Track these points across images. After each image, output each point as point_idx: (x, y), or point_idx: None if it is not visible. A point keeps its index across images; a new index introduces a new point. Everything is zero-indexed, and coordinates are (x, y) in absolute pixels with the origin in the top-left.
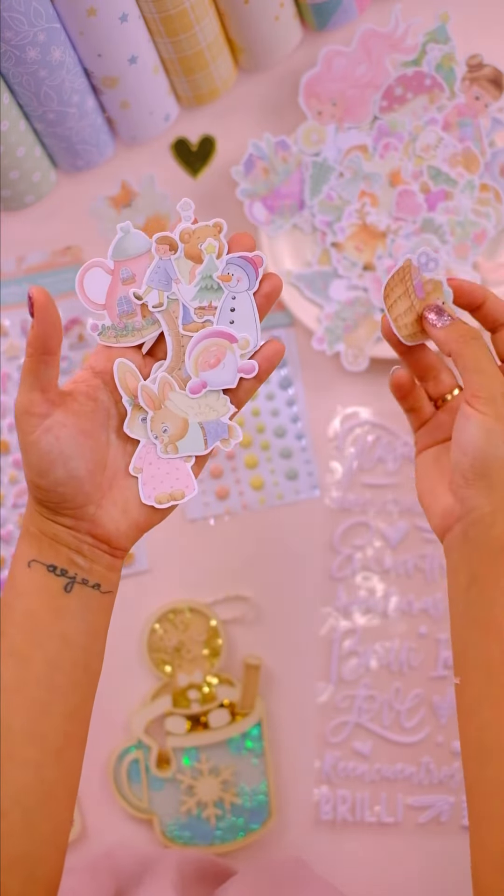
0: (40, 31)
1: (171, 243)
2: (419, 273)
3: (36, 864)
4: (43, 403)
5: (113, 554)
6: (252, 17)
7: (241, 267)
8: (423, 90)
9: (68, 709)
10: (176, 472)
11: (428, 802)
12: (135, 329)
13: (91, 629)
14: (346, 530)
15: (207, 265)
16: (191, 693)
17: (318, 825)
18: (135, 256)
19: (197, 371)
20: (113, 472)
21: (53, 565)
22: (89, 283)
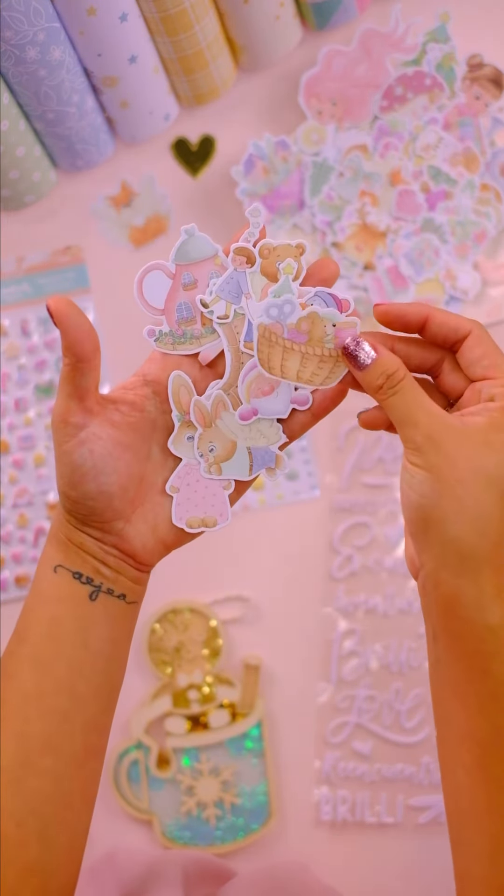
0: (40, 31)
1: (250, 256)
2: (280, 326)
3: (50, 875)
4: (79, 412)
5: (138, 568)
6: (252, 17)
7: (326, 304)
8: (424, 90)
9: (88, 718)
10: (213, 498)
11: (428, 803)
12: (193, 337)
13: (114, 638)
14: (346, 530)
15: (282, 286)
16: (191, 693)
17: (318, 825)
18: (198, 261)
19: (249, 397)
20: (148, 487)
21: (79, 573)
22: (149, 287)
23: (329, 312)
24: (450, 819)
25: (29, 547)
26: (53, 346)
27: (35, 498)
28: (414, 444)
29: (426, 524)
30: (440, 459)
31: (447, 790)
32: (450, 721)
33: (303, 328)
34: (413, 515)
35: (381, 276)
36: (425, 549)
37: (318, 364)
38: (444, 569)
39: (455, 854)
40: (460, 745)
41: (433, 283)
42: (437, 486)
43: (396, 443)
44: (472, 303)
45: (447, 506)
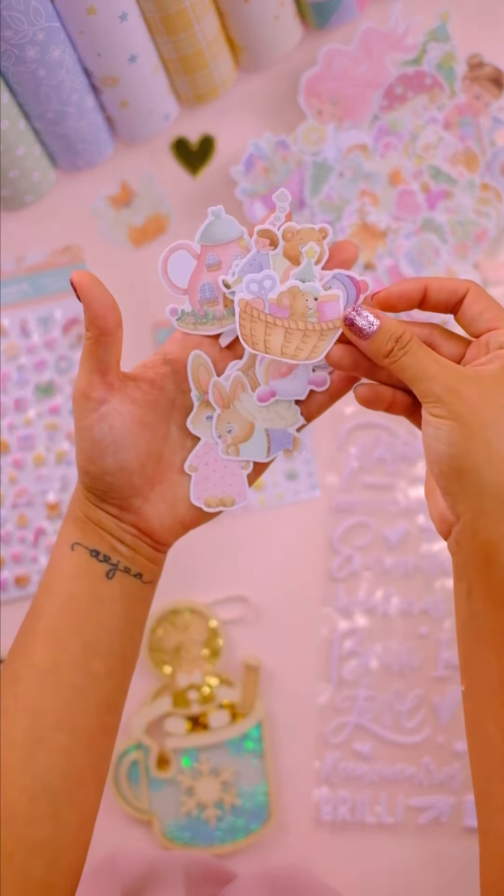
0: (40, 30)
1: (273, 238)
2: (262, 301)
3: (60, 852)
4: (101, 387)
5: (155, 547)
6: (252, 16)
7: (344, 286)
8: (424, 89)
9: (102, 696)
10: (231, 478)
11: (428, 803)
12: (215, 318)
13: (130, 617)
14: (346, 530)
15: (305, 269)
16: (191, 694)
17: (318, 826)
18: (223, 243)
19: (267, 379)
20: (166, 466)
21: (97, 550)
22: (173, 266)
23: (309, 286)
24: (476, 775)
25: (29, 547)
26: (53, 346)
27: (35, 498)
28: (434, 395)
29: (459, 474)
30: (463, 407)
31: (474, 747)
32: (482, 675)
33: (284, 303)
34: (444, 467)
35: (381, 275)
36: (461, 500)
37: (301, 339)
38: (483, 516)
39: (480, 812)
40: (492, 699)
41: None
42: (465, 433)
43: (396, 442)
44: None
45: (478, 451)
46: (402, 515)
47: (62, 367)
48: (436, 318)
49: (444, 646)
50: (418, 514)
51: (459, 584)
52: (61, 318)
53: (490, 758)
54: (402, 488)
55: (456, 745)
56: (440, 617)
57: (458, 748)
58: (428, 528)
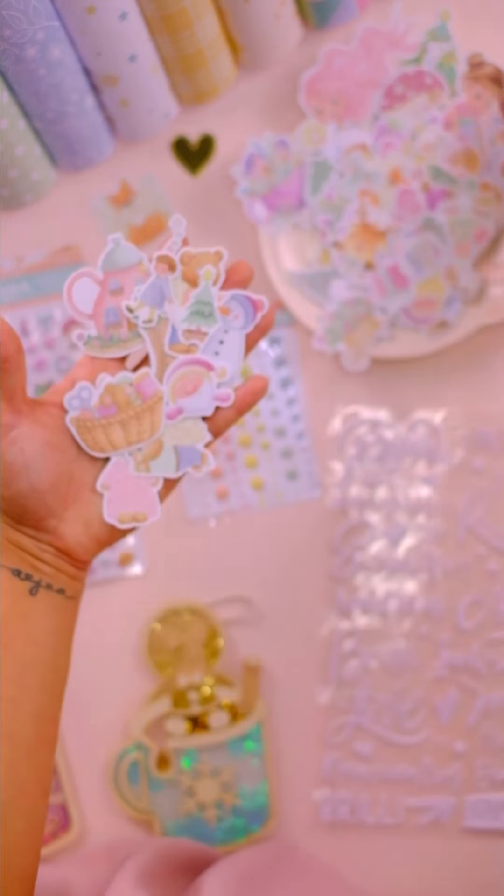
0: (39, 30)
1: (171, 263)
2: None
3: (11, 859)
4: (8, 413)
5: (74, 565)
6: (252, 16)
7: (241, 305)
8: (424, 89)
9: (38, 708)
10: (142, 494)
11: (428, 804)
12: (120, 340)
13: (57, 630)
14: (346, 530)
15: (203, 290)
16: (191, 694)
17: (318, 827)
18: (124, 268)
19: (174, 397)
20: (79, 486)
21: (18, 569)
22: (77, 293)
23: (121, 376)
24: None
25: None
26: (54, 345)
27: None
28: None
29: None
30: None
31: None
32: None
33: (106, 402)
34: None
35: (381, 275)
36: None
37: (137, 422)
38: None
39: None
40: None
41: (433, 282)
42: None
43: (397, 443)
44: (473, 302)
45: None
46: (402, 515)
47: (62, 368)
48: None
49: (445, 646)
50: (419, 514)
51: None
52: (61, 318)
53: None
54: (403, 488)
55: (456, 746)
56: (440, 617)
57: (458, 748)
58: (428, 527)
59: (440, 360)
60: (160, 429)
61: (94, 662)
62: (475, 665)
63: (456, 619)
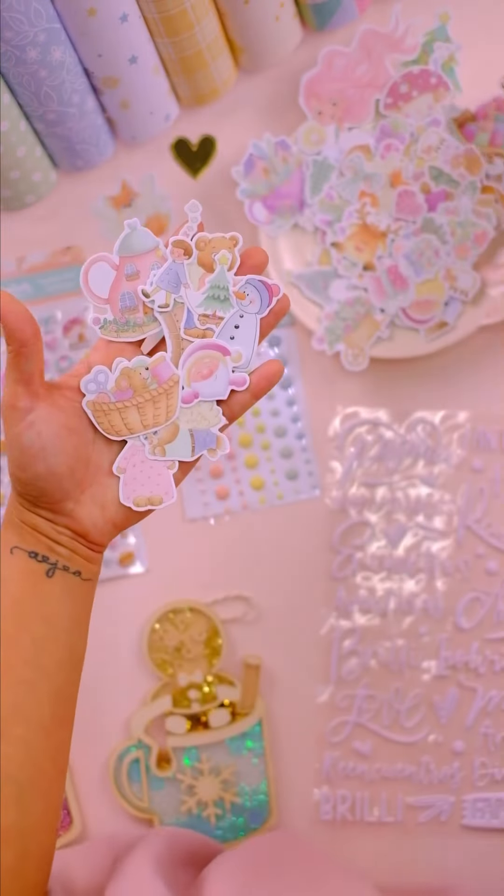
0: (40, 32)
1: (187, 248)
2: (105, 394)
3: (29, 839)
4: (26, 396)
5: (90, 548)
6: (252, 17)
7: (257, 290)
8: (429, 88)
9: (54, 688)
10: (158, 478)
11: (428, 802)
12: (136, 325)
13: (74, 613)
14: (346, 530)
15: (218, 275)
16: (191, 693)
17: (318, 825)
18: (140, 253)
19: (189, 381)
20: (96, 469)
21: (35, 552)
22: (94, 277)
23: (138, 360)
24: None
25: None
26: (54, 346)
27: None
28: None
29: None
30: None
31: None
32: None
33: (122, 386)
34: None
35: (380, 276)
36: None
37: (153, 406)
38: None
39: None
40: None
41: (433, 283)
42: None
43: (396, 442)
44: (472, 303)
45: None
46: (402, 515)
47: (63, 368)
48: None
49: (444, 645)
50: (418, 514)
51: None
52: (62, 319)
53: None
54: (402, 488)
55: (455, 744)
56: (440, 616)
57: (457, 747)
58: (428, 527)
59: (439, 360)
60: (176, 412)
61: (95, 661)
62: (474, 664)
63: (455, 618)
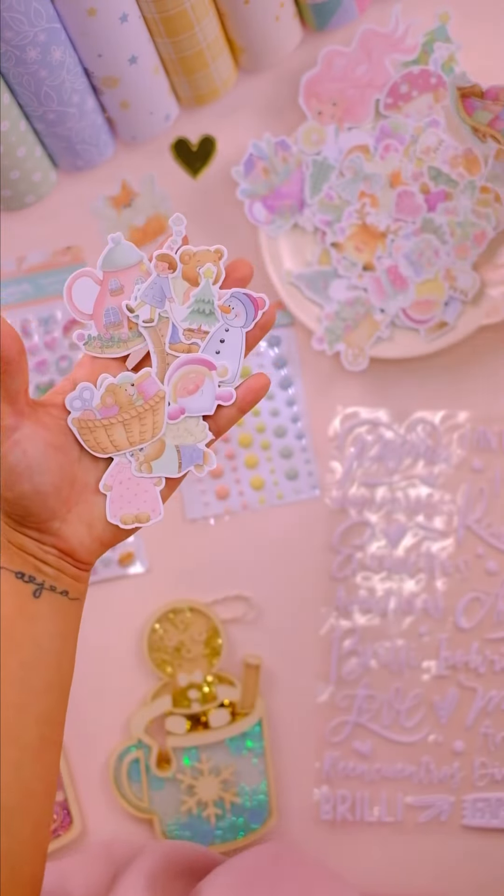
0: (40, 32)
1: (171, 262)
2: (91, 412)
3: (18, 862)
4: (10, 415)
5: (78, 566)
6: (252, 18)
7: (242, 303)
8: (429, 88)
9: (43, 710)
10: (144, 495)
11: (428, 802)
12: (120, 340)
13: (61, 633)
14: (346, 530)
15: (203, 289)
16: (191, 693)
17: (318, 825)
18: (124, 268)
19: (175, 397)
20: (82, 487)
21: (21, 572)
22: (78, 293)
23: (123, 376)
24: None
25: None
26: (54, 346)
27: None
28: None
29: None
30: None
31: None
32: None
33: (108, 402)
34: None
35: (380, 276)
36: None
37: (139, 423)
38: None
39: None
40: None
41: (433, 283)
42: None
43: (396, 442)
44: (472, 303)
45: None
46: (402, 515)
47: (63, 368)
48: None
49: (444, 645)
50: (418, 514)
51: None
52: (62, 319)
53: None
54: (402, 488)
55: (455, 744)
56: (440, 616)
57: (457, 747)
58: (428, 527)
59: (439, 360)
60: (162, 429)
61: (95, 661)
62: (474, 664)
63: (455, 618)
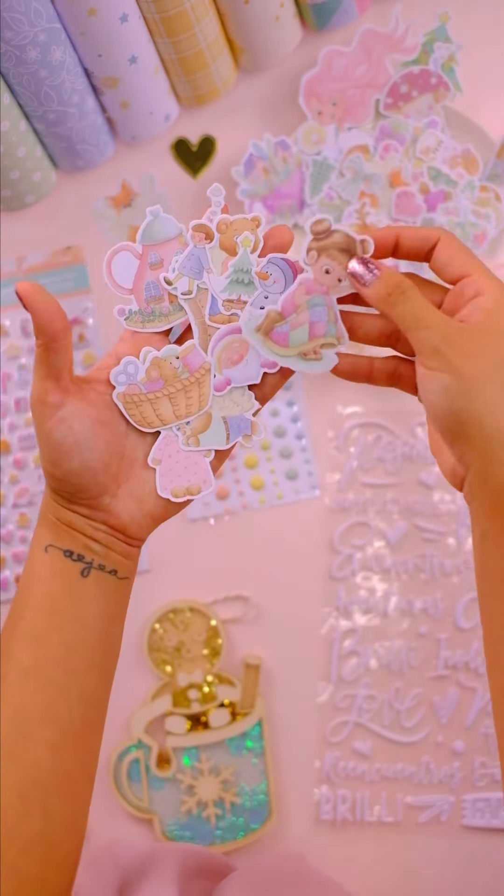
0: (41, 32)
1: (208, 232)
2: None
3: (53, 846)
4: (56, 392)
5: (128, 543)
6: (252, 18)
7: (280, 269)
8: (429, 88)
9: (85, 691)
10: (194, 467)
11: (428, 802)
12: (161, 314)
13: (108, 613)
14: (346, 530)
15: (241, 258)
16: (191, 693)
17: (318, 825)
18: (163, 241)
19: (220, 368)
20: (130, 462)
21: (70, 550)
22: (117, 267)
23: (168, 349)
24: (499, 723)
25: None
26: None
27: (35, 498)
28: (431, 345)
29: (464, 425)
30: (460, 358)
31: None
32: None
33: (153, 376)
34: (448, 421)
35: None
36: (469, 450)
37: (185, 396)
38: (492, 463)
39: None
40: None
41: None
42: (465, 385)
43: (396, 442)
44: None
45: (481, 402)
46: (402, 515)
47: None
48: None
49: (444, 645)
50: (418, 514)
51: (476, 530)
52: None
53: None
54: (402, 488)
55: (455, 744)
56: (440, 616)
57: (457, 747)
58: (428, 527)
59: None
60: (209, 401)
61: None
62: (474, 664)
63: (455, 618)
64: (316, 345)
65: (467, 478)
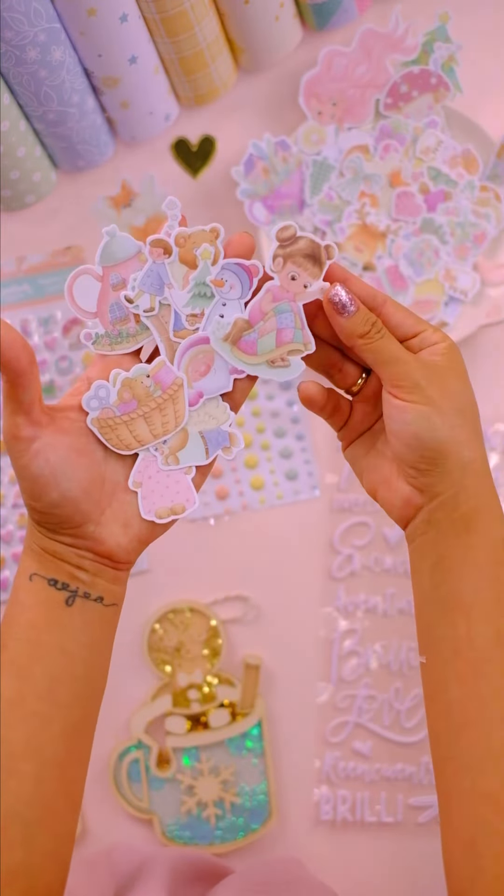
0: (40, 32)
1: (166, 247)
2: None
3: (36, 877)
4: (28, 426)
5: (116, 568)
6: (252, 18)
7: (235, 274)
8: (429, 88)
9: (70, 723)
10: (176, 486)
11: (428, 802)
12: (129, 335)
13: (93, 643)
14: (346, 530)
15: (202, 271)
16: (191, 693)
17: (318, 825)
18: (124, 260)
19: (190, 381)
20: (112, 487)
21: (54, 579)
22: (79, 292)
23: (137, 368)
24: (437, 740)
25: None
26: (54, 346)
27: None
28: (412, 380)
29: (443, 455)
30: (437, 393)
31: (435, 712)
32: (446, 640)
33: (126, 397)
34: (427, 450)
35: (380, 276)
36: (442, 479)
37: (161, 414)
38: (463, 491)
39: (443, 774)
40: (455, 659)
41: (432, 283)
42: (445, 417)
43: None
44: (472, 303)
45: (459, 433)
46: None
47: (63, 368)
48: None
49: None
50: None
51: (422, 560)
52: (62, 319)
53: (454, 718)
54: None
55: None
56: None
57: None
58: None
59: None
60: (185, 417)
61: None
62: None
63: None
64: (283, 352)
65: (427, 507)
